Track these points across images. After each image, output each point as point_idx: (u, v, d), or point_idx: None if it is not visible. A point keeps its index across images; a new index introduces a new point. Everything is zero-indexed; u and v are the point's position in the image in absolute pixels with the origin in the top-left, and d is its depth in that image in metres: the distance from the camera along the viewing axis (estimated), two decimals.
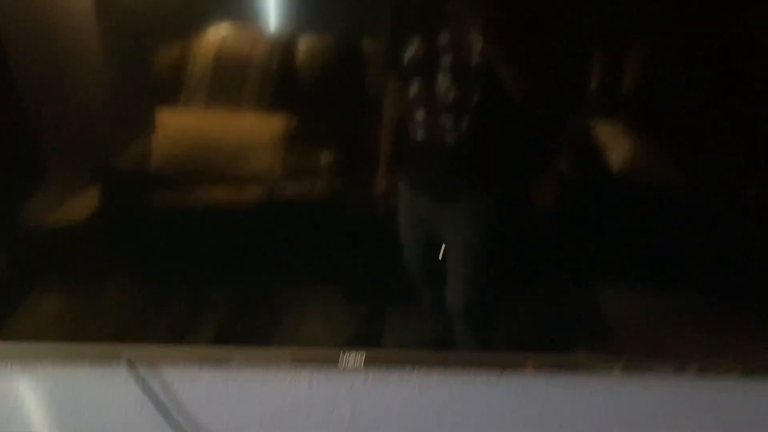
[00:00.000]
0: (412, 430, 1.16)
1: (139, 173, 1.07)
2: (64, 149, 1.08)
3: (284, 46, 1.01)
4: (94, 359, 1.09)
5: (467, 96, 0.97)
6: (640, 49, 0.96)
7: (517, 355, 1.06)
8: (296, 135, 1.04)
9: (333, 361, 1.04)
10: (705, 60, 0.95)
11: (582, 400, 1.14)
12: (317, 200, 1.05)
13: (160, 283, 1.11)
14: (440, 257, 1.06)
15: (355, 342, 1.07)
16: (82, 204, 1.09)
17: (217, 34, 1.02)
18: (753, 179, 1.00)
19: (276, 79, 1.03)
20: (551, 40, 0.96)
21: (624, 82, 0.97)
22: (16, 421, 1.18)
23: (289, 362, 1.08)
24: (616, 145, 1.00)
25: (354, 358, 1.05)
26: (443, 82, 0.97)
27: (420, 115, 1.00)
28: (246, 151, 1.06)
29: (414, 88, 0.99)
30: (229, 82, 1.04)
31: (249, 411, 1.15)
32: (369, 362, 1.04)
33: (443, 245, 1.06)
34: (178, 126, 1.07)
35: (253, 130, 1.06)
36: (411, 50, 0.97)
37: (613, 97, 0.98)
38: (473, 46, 0.95)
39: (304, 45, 1.02)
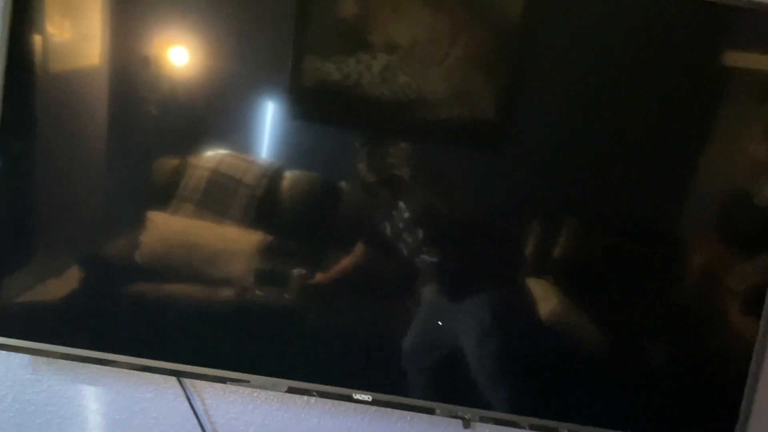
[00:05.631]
0: None
1: (123, 264, 1.21)
2: (57, 233, 1.23)
3: (271, 176, 1.18)
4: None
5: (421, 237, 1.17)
6: (566, 229, 1.17)
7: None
8: (270, 249, 1.20)
9: (344, 398, 1.23)
10: (617, 239, 1.17)
11: None
12: (285, 305, 1.21)
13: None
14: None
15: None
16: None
17: (215, 156, 1.18)
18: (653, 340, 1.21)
19: (260, 202, 1.19)
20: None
21: (553, 252, 1.17)
22: (77, 420, 1.35)
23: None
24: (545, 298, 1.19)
25: (362, 397, 1.21)
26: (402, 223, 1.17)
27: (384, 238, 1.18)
28: (224, 257, 1.21)
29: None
30: (218, 197, 1.19)
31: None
32: (373, 403, 1.22)
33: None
34: (167, 227, 1.21)
35: (233, 240, 1.21)
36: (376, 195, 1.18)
37: (544, 262, 1.18)
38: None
39: (288, 177, 1.19)
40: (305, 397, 1.32)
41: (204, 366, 1.24)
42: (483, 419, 1.23)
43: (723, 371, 1.19)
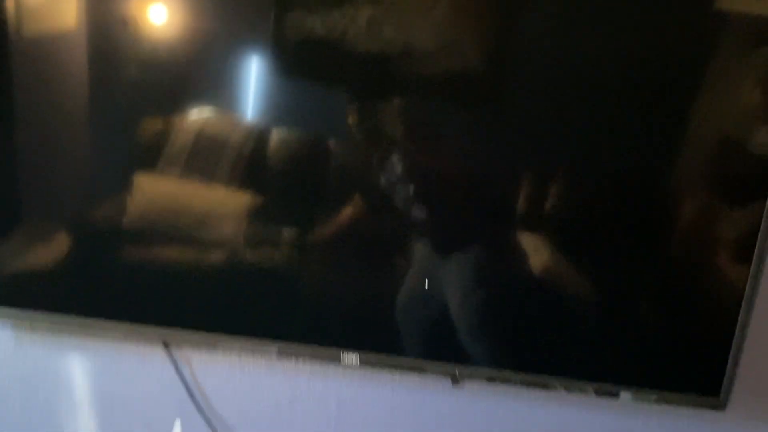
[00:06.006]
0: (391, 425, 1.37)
1: (109, 228, 1.20)
2: (41, 198, 1.21)
3: (258, 134, 1.17)
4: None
5: (412, 192, 1.16)
6: (558, 182, 1.16)
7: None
8: (259, 211, 1.19)
9: (333, 359, 1.23)
10: (608, 191, 1.16)
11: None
12: (275, 266, 1.20)
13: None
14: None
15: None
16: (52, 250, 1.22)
17: (201, 114, 1.16)
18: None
19: (247, 161, 1.17)
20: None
21: (545, 205, 1.16)
22: (63, 391, 1.34)
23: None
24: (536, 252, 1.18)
25: (350, 358, 1.21)
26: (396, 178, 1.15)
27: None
28: (212, 220, 1.20)
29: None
30: (205, 158, 1.17)
31: (257, 397, 1.35)
32: (362, 363, 1.22)
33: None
34: (154, 190, 1.19)
35: (221, 202, 1.19)
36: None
37: (535, 216, 1.17)
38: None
39: (276, 135, 1.17)
40: (293, 362, 1.31)
41: (192, 330, 1.23)
42: (472, 375, 1.23)
43: (714, 321, 1.19)
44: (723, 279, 1.18)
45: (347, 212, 1.18)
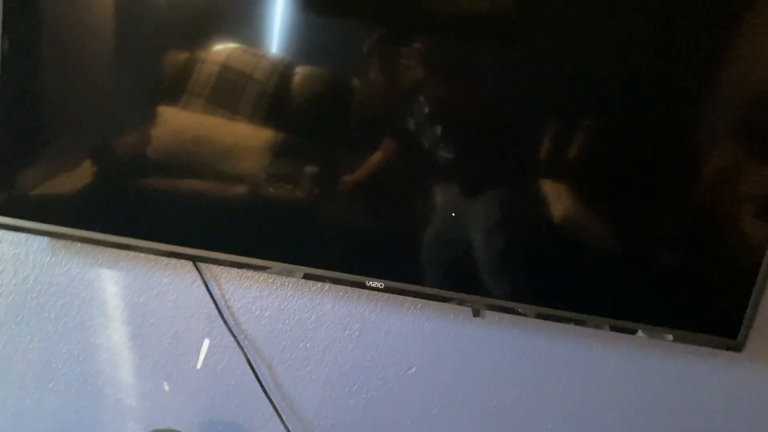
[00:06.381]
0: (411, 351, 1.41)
1: (135, 158, 1.22)
2: (67, 127, 1.23)
3: (282, 72, 1.16)
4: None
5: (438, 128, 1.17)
6: (580, 132, 1.17)
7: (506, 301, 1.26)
8: (282, 146, 1.20)
9: (357, 285, 1.25)
10: (630, 141, 1.16)
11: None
12: (301, 200, 1.22)
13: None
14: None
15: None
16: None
17: (224, 50, 1.16)
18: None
19: (271, 98, 1.18)
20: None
21: (569, 153, 1.17)
22: (97, 303, 1.39)
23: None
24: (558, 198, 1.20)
25: (375, 284, 1.24)
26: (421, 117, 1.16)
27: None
28: (236, 153, 1.21)
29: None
30: (229, 92, 1.18)
31: (283, 317, 1.39)
32: (386, 290, 1.25)
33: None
34: (178, 122, 1.20)
35: (245, 136, 1.20)
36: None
37: (559, 163, 1.18)
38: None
39: (300, 72, 1.17)
40: (319, 284, 1.35)
41: (220, 251, 1.26)
42: (492, 307, 1.26)
43: (737, 267, 1.20)
44: (748, 228, 1.18)
45: (384, 150, 1.19)
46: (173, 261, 1.35)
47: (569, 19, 1.12)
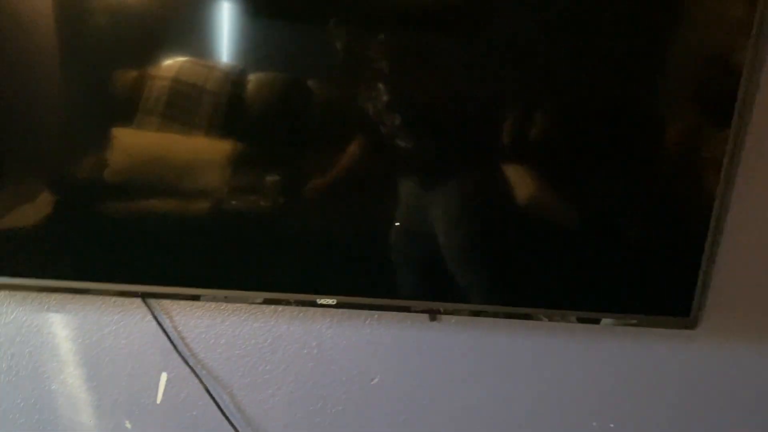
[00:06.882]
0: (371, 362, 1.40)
1: (86, 188, 1.18)
2: (20, 158, 1.18)
3: (234, 80, 1.14)
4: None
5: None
6: (541, 114, 1.17)
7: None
8: (241, 157, 1.18)
9: (309, 304, 1.25)
10: (591, 123, 1.16)
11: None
12: (260, 214, 1.20)
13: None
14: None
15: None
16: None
17: (174, 64, 1.13)
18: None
19: (226, 108, 1.16)
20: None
21: (530, 133, 1.17)
22: (48, 348, 1.35)
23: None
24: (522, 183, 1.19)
25: (326, 301, 1.23)
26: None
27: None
28: (194, 169, 1.19)
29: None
30: (182, 107, 1.16)
31: (239, 343, 1.37)
32: (339, 306, 1.24)
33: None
34: (133, 143, 1.17)
35: (203, 150, 1.18)
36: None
37: (520, 147, 1.18)
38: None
39: (253, 79, 1.15)
40: (273, 306, 1.33)
41: (177, 286, 1.24)
42: (457, 312, 1.25)
43: (684, 245, 1.22)
44: (693, 202, 1.18)
45: (352, 154, 1.17)
46: (122, 298, 1.32)
47: (526, 4, 1.12)
